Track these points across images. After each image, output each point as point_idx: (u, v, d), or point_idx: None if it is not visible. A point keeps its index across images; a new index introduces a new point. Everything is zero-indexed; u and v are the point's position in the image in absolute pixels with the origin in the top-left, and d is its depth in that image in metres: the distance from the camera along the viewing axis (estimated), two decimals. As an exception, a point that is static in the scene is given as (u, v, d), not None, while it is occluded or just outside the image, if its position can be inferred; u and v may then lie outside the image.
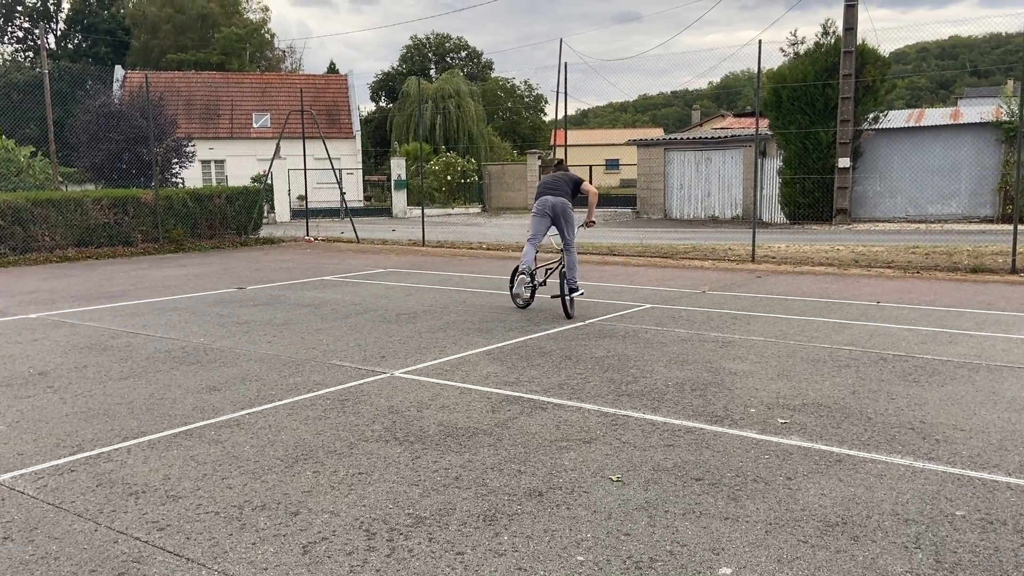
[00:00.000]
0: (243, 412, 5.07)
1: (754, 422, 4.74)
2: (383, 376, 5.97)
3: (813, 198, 21.31)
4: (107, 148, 22.64)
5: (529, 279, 8.60)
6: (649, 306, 9.05)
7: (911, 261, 12.49)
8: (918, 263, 12.29)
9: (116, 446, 4.45)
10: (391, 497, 3.68)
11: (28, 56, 53.76)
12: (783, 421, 4.75)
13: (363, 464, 4.12)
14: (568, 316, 8.27)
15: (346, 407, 5.16)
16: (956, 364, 6.13)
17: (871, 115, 20.98)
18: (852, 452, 4.21)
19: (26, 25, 55.17)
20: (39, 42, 29.05)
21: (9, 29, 55.60)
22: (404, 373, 6.04)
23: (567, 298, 8.35)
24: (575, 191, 8.70)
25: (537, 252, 8.53)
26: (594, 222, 9.02)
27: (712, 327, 7.71)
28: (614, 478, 3.88)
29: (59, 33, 56.74)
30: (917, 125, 21.94)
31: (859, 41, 20.71)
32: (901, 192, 21.64)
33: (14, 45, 56.03)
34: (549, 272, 9.23)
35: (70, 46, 55.88)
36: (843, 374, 5.86)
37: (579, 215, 8.65)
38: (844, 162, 20.71)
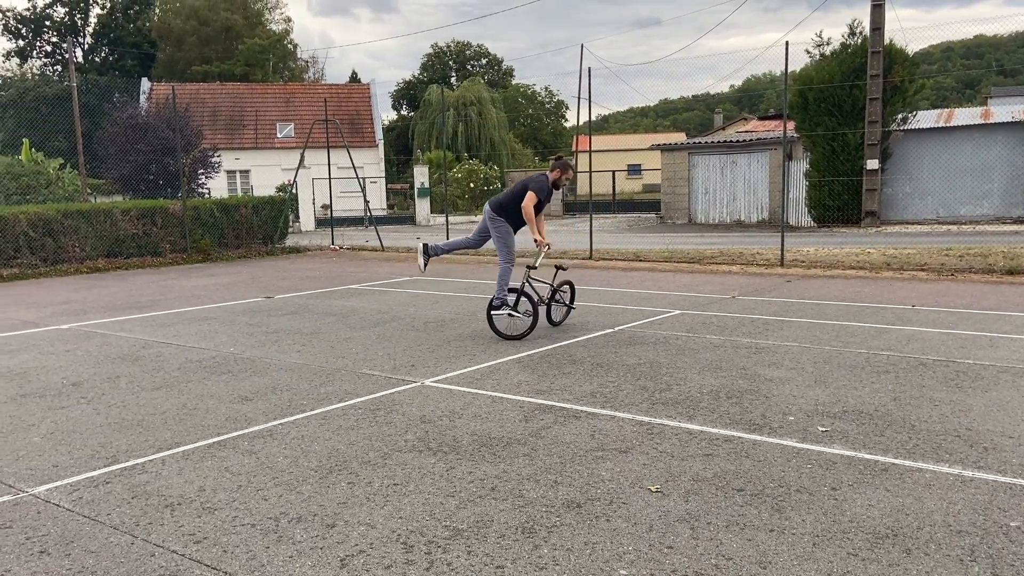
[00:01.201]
0: (275, 422, 5.05)
1: (794, 430, 4.63)
2: (414, 385, 5.93)
3: (841, 201, 21.04)
4: (135, 160, 22.97)
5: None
6: (679, 312, 8.94)
7: (945, 263, 12.26)
8: (952, 265, 12.05)
9: (150, 457, 4.44)
10: (427, 509, 3.64)
11: (56, 70, 54.75)
12: (824, 429, 4.64)
13: (397, 475, 4.07)
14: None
15: (378, 417, 5.12)
16: (999, 369, 5.97)
17: (900, 116, 20.69)
18: (898, 461, 4.09)
19: (54, 39, 56.18)
20: (67, 56, 29.53)
21: (38, 44, 56.64)
22: (434, 382, 6.00)
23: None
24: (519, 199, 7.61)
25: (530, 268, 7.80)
26: (548, 244, 7.70)
27: (744, 333, 7.60)
28: (653, 489, 3.80)
29: (86, 47, 57.72)
30: (947, 125, 21.60)
31: (886, 41, 20.45)
32: (931, 193, 21.30)
33: (43, 59, 57.08)
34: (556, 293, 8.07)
35: (97, 59, 56.83)
36: (882, 380, 5.72)
37: (550, 227, 8.47)
38: (873, 164, 20.43)
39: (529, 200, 7.53)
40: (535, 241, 7.64)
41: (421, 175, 31.81)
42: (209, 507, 3.72)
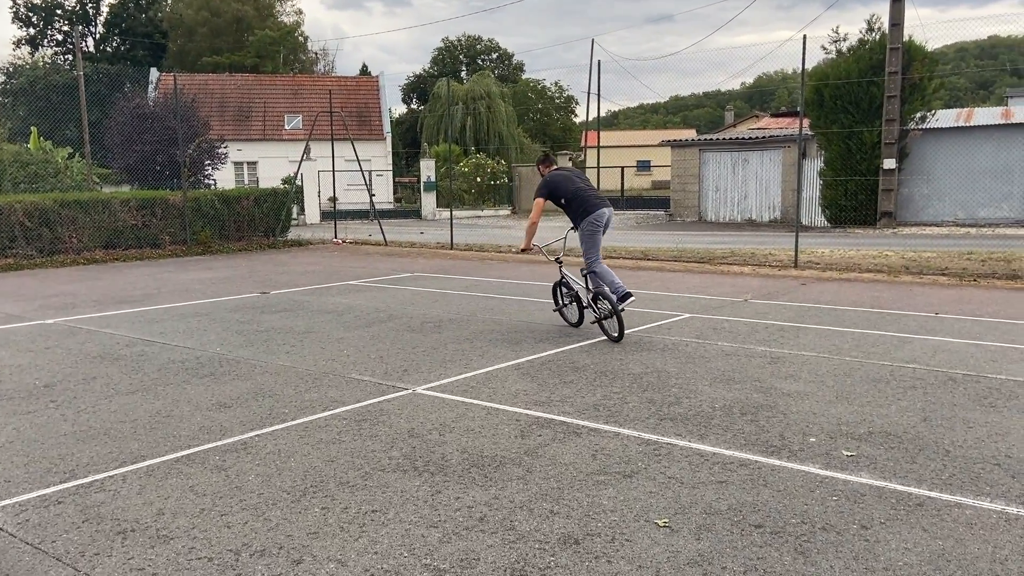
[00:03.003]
0: (252, 433, 4.68)
1: (816, 454, 4.23)
2: (404, 393, 5.55)
3: (856, 200, 20.52)
4: (141, 150, 22.66)
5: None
6: (688, 316, 8.53)
7: (967, 268, 11.78)
8: (974, 270, 11.58)
9: (111, 472, 4.08)
10: (406, 542, 3.25)
11: (67, 59, 54.55)
12: (849, 454, 4.23)
13: (377, 499, 3.69)
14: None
15: (363, 429, 4.74)
16: (1035, 386, 5.54)
17: (918, 114, 20.13)
18: (933, 494, 3.68)
19: (65, 28, 55.98)
20: (76, 44, 29.29)
21: (49, 32, 56.48)
22: (427, 389, 5.61)
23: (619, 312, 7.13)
24: None
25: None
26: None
27: (758, 340, 7.18)
28: (660, 523, 3.40)
29: (98, 36, 57.55)
30: (966, 125, 21.03)
31: (905, 37, 19.90)
32: (949, 195, 20.75)
33: (53, 48, 56.91)
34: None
35: (108, 49, 56.64)
36: (910, 397, 5.30)
37: (557, 223, 8.02)
38: (890, 163, 19.90)
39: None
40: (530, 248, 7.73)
41: (428, 169, 31.41)
42: (165, 535, 3.34)
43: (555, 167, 7.79)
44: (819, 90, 20.25)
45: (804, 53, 12.46)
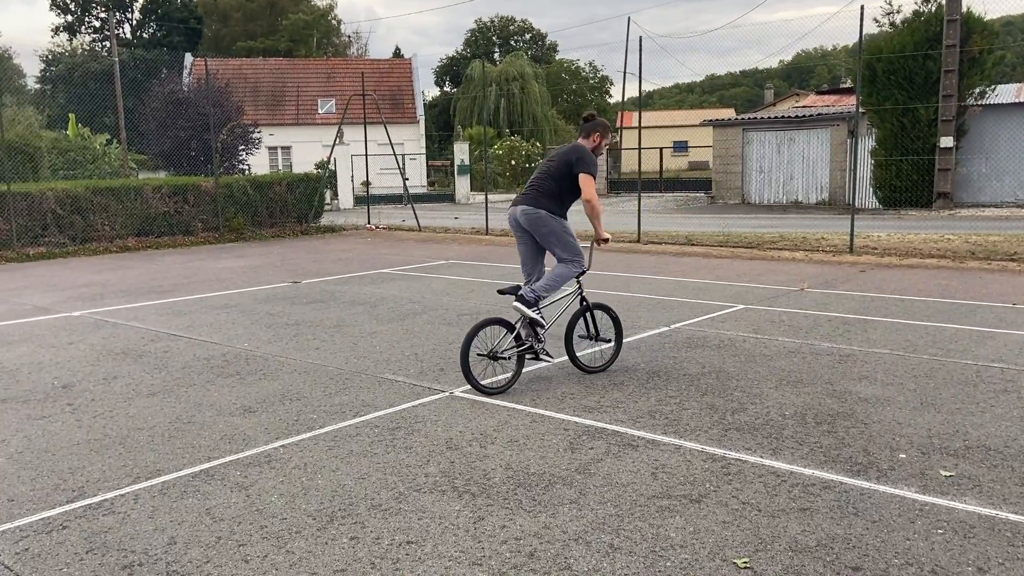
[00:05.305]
0: (277, 443, 4.30)
1: (909, 474, 3.71)
2: (441, 396, 5.13)
3: (910, 181, 19.59)
4: (175, 135, 22.55)
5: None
6: (742, 307, 7.98)
7: (1038, 253, 11.01)
8: (1047, 255, 10.81)
9: (123, 491, 3.72)
10: (447, 584, 2.83)
11: (104, 46, 54.95)
12: (947, 474, 3.71)
13: (413, 527, 3.27)
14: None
15: (396, 439, 4.33)
16: None
17: (977, 90, 19.10)
18: (1058, 528, 3.16)
19: (102, 15, 56.37)
20: (113, 31, 29.39)
21: (86, 19, 56.96)
22: (464, 392, 5.18)
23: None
24: (569, 176, 5.33)
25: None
26: (607, 238, 5.63)
27: (822, 335, 6.62)
28: (740, 563, 2.93)
29: (135, 22, 57.87)
30: (1028, 100, 19.93)
31: (963, 8, 18.85)
32: (1009, 174, 19.71)
33: (91, 35, 57.41)
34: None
35: (145, 35, 56.95)
36: (1003, 402, 4.74)
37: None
38: (947, 141, 18.93)
39: (591, 186, 5.28)
40: (606, 239, 5.61)
41: (461, 152, 30.92)
42: (175, 571, 2.96)
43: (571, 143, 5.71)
44: (871, 65, 19.31)
45: (861, 23, 11.74)
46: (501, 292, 5.45)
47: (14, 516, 3.47)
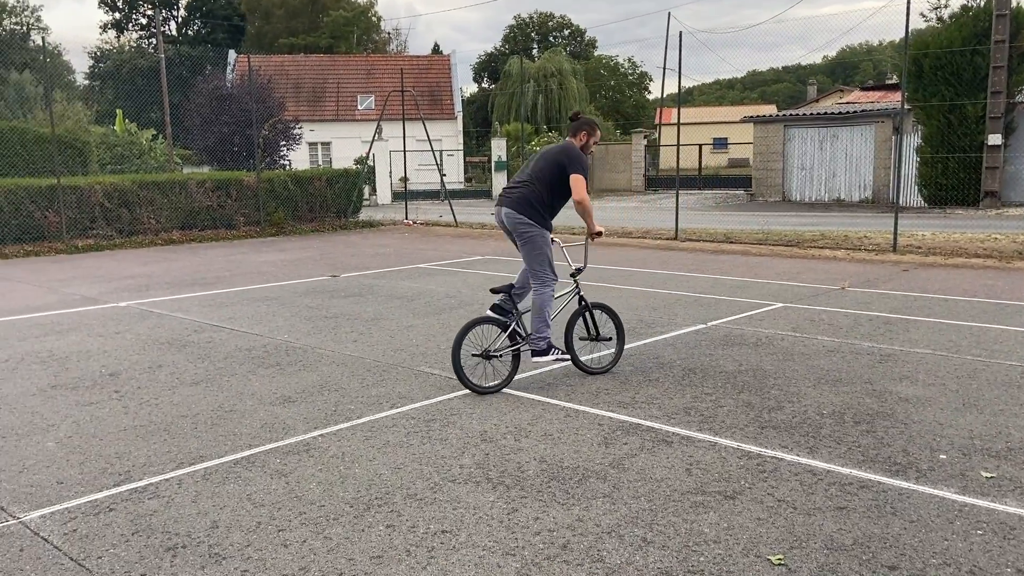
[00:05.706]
0: (316, 433, 4.38)
1: (949, 475, 3.65)
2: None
3: (957, 179, 19.14)
4: (218, 131, 22.96)
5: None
6: (780, 305, 7.89)
7: (1090, 253, 10.70)
8: (1100, 256, 10.50)
9: (167, 475, 3.83)
10: (480, 573, 2.86)
11: (151, 42, 56.17)
12: (988, 475, 3.64)
13: (448, 517, 3.32)
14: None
15: (432, 431, 4.38)
16: None
17: (1027, 86, 18.59)
18: (1105, 533, 3.09)
19: (149, 12, 57.60)
20: (160, 28, 30.07)
21: (133, 16, 58.26)
22: (501, 386, 5.21)
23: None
24: (559, 178, 5.21)
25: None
26: (600, 232, 5.54)
27: (863, 334, 6.52)
28: (775, 560, 2.92)
29: (180, 19, 59.04)
30: (1082, 96, 19.32)
31: (1014, 3, 18.35)
32: (1061, 172, 19.15)
33: (138, 32, 58.72)
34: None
35: (190, 32, 58.09)
36: (1050, 406, 4.63)
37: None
38: (995, 139, 18.45)
39: (582, 187, 5.22)
40: (599, 233, 5.53)
41: (499, 148, 30.98)
42: (217, 553, 3.05)
43: (559, 142, 5.67)
44: (918, 61, 18.90)
45: (908, 18, 11.48)
46: (494, 291, 5.47)
47: (63, 498, 3.60)
